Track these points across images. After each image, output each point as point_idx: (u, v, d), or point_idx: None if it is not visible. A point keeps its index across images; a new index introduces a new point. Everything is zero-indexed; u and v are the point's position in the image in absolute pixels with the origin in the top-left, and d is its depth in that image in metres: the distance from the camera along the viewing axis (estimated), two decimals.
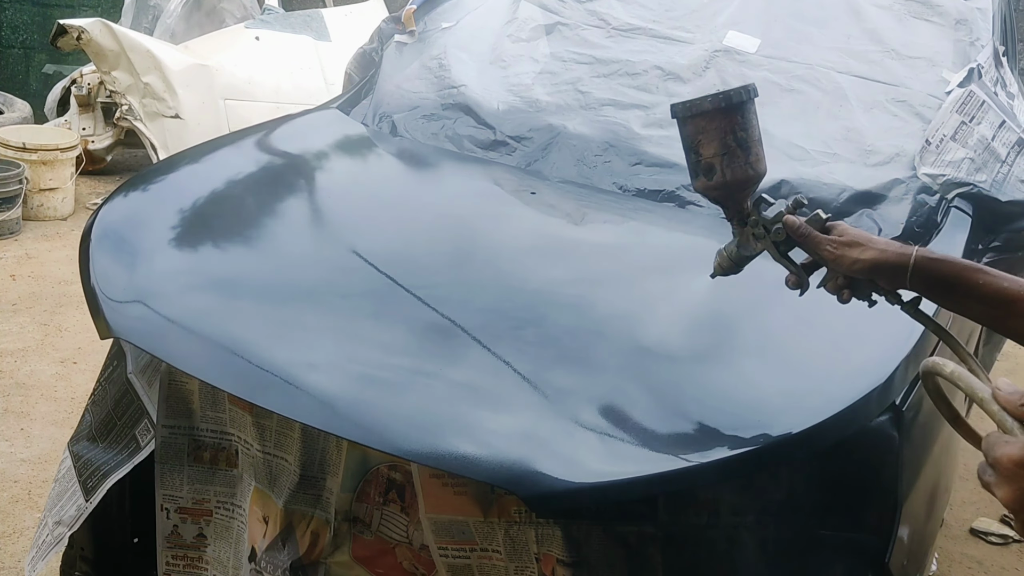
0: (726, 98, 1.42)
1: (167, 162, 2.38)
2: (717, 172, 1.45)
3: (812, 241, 1.42)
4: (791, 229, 1.44)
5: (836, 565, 1.58)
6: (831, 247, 1.40)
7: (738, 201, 1.49)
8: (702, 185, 1.49)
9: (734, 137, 1.44)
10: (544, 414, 1.46)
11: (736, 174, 1.45)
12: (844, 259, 1.38)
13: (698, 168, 1.47)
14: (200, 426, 1.86)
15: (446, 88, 2.58)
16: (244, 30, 5.60)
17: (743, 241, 1.52)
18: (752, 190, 1.49)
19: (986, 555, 3.19)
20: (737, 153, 1.44)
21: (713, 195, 1.50)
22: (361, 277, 1.83)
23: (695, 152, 1.47)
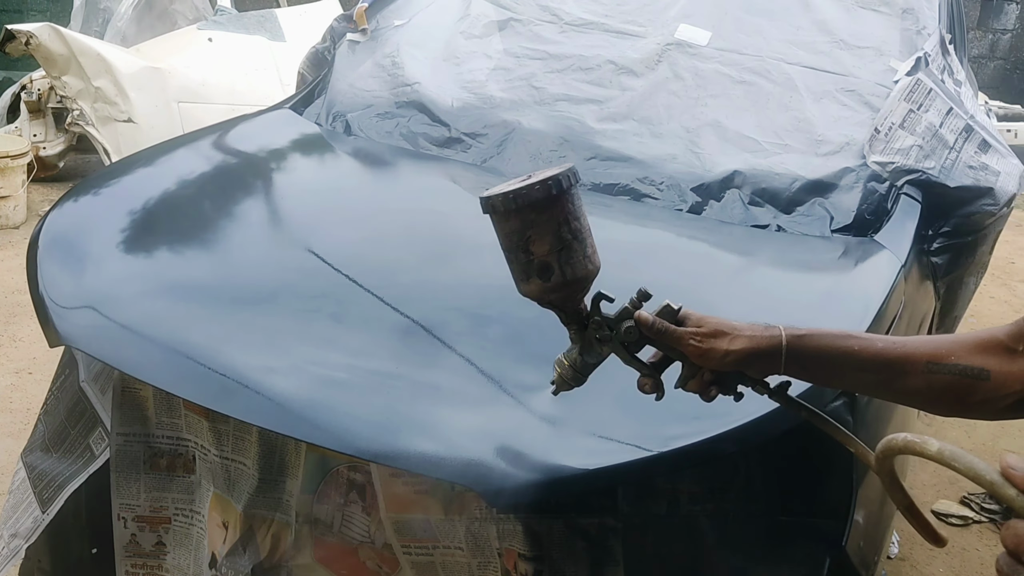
0: (556, 184, 1.23)
1: (117, 165, 2.35)
2: (555, 271, 1.25)
3: (670, 337, 1.26)
4: (644, 327, 1.27)
5: (795, 550, 1.59)
6: (695, 341, 1.25)
7: (576, 302, 1.31)
8: (538, 289, 1.27)
9: (568, 228, 1.24)
10: (501, 410, 1.46)
11: (576, 271, 1.26)
12: (712, 352, 1.24)
13: (530, 269, 1.26)
14: (155, 433, 1.83)
15: (400, 86, 2.57)
16: (197, 32, 5.53)
17: (586, 347, 1.33)
18: (588, 288, 1.31)
19: (947, 536, 3.24)
20: (574, 247, 1.25)
21: (550, 299, 1.29)
22: (316, 278, 1.82)
23: (524, 251, 1.25)
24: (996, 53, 10.41)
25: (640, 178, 2.26)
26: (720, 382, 1.28)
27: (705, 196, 2.21)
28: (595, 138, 2.36)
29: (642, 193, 2.24)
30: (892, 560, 3.07)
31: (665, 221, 2.14)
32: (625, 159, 2.30)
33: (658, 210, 2.17)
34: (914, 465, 3.59)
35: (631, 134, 2.36)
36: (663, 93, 2.45)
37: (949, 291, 2.35)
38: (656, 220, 2.15)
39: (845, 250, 2.04)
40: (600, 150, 2.34)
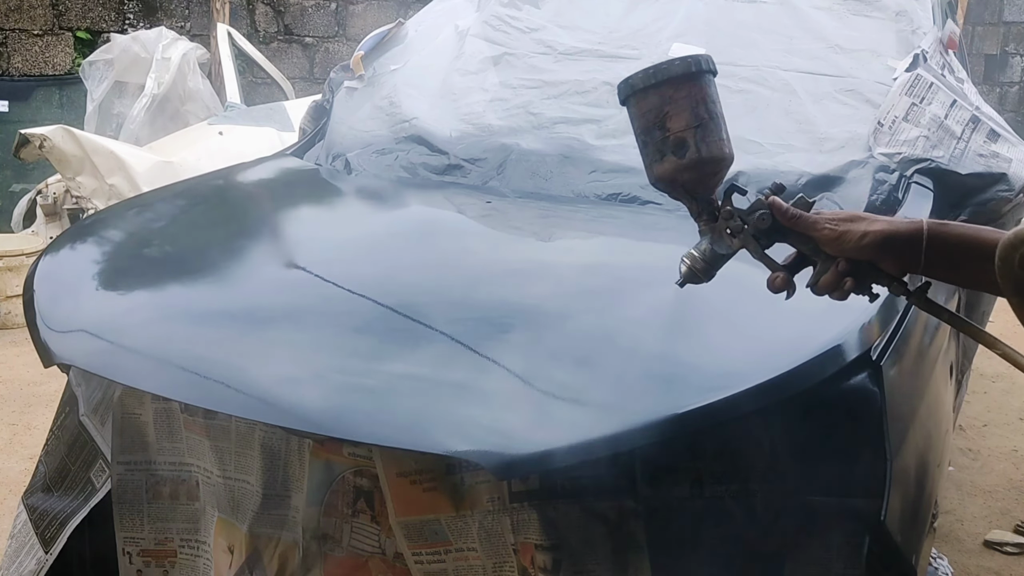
0: (695, 62, 1.25)
1: (119, 205, 2.36)
2: (690, 147, 1.23)
3: (805, 223, 1.22)
4: (779, 213, 1.23)
5: (831, 532, 1.49)
6: (831, 225, 1.20)
7: (708, 189, 1.28)
8: (671, 166, 1.25)
9: (705, 108, 1.24)
10: (503, 383, 1.41)
11: (712, 150, 1.24)
12: (849, 236, 1.18)
13: (664, 146, 1.24)
14: (157, 459, 1.78)
15: (398, 123, 2.58)
16: (207, 127, 5.63)
17: (716, 239, 1.30)
18: (723, 177, 1.30)
19: (1003, 566, 3.07)
20: (710, 126, 1.24)
21: (684, 178, 1.26)
22: (313, 292, 1.79)
23: (660, 128, 1.24)
24: (1006, 106, 10.45)
25: (643, 185, 2.22)
26: (855, 275, 1.21)
27: None
28: (595, 153, 2.35)
29: (646, 200, 2.20)
30: None
31: (669, 224, 2.10)
32: (626, 170, 2.27)
33: (662, 214, 2.13)
34: (963, 498, 3.44)
35: (631, 147, 2.31)
36: None
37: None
38: (661, 223, 2.11)
39: None
40: (601, 164, 2.32)
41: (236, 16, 6.59)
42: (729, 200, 1.30)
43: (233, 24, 6.43)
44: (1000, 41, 10.34)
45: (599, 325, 1.61)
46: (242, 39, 6.26)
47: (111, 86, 5.91)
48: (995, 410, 4.22)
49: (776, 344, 1.50)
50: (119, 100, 5.92)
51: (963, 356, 2.27)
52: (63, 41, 6.27)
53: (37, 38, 6.21)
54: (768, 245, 1.28)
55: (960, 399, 2.49)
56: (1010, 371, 4.55)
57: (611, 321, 1.62)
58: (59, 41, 6.26)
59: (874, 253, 1.18)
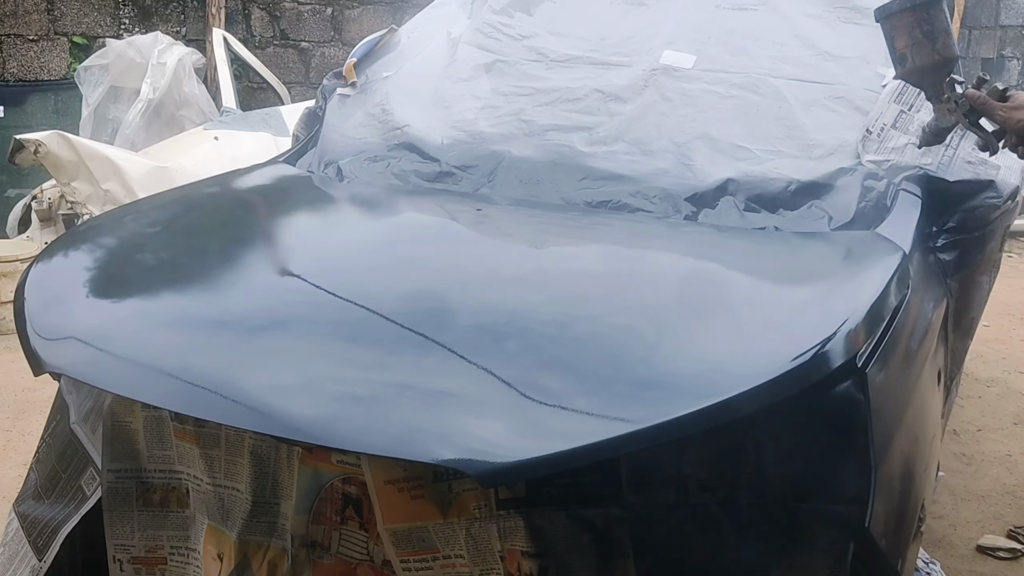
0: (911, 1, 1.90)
1: (107, 214, 2.37)
2: (908, 60, 1.95)
3: (987, 108, 1.90)
4: (971, 99, 1.91)
5: (816, 538, 1.50)
6: (1002, 111, 1.87)
7: (933, 83, 1.97)
8: (900, 73, 2.01)
9: (920, 30, 1.90)
10: (491, 391, 1.41)
11: (924, 60, 1.93)
12: (1011, 119, 1.84)
13: (895, 59, 1.98)
14: (147, 467, 1.78)
15: (390, 130, 2.58)
16: (203, 132, 5.64)
17: (939, 116, 1.99)
18: (945, 73, 1.96)
19: (996, 570, 3.07)
20: (923, 43, 1.92)
21: (911, 80, 2.02)
22: (303, 300, 1.79)
23: (891, 45, 1.97)
24: None
25: (633, 193, 2.24)
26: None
27: (699, 205, 2.18)
28: (586, 160, 2.35)
29: (636, 207, 2.21)
30: None
31: (660, 229, 2.11)
32: (617, 177, 2.28)
33: (653, 221, 2.14)
34: (956, 503, 3.45)
35: (622, 154, 2.35)
36: (652, 114, 2.45)
37: (962, 291, 2.28)
38: (651, 229, 2.12)
39: (844, 241, 2.00)
40: (592, 171, 2.33)
41: (232, 21, 6.59)
42: (951, 88, 1.96)
43: (229, 29, 6.43)
44: (997, 45, 10.36)
45: (587, 332, 1.61)
46: (238, 44, 6.26)
47: (106, 91, 5.91)
48: (989, 415, 4.22)
49: (761, 352, 1.50)
50: (114, 105, 5.92)
51: (952, 362, 2.28)
52: (58, 46, 6.27)
53: (32, 43, 6.21)
54: (976, 119, 1.95)
55: (950, 405, 2.49)
56: (1005, 376, 4.57)
57: (599, 328, 1.62)
58: (54, 46, 6.26)
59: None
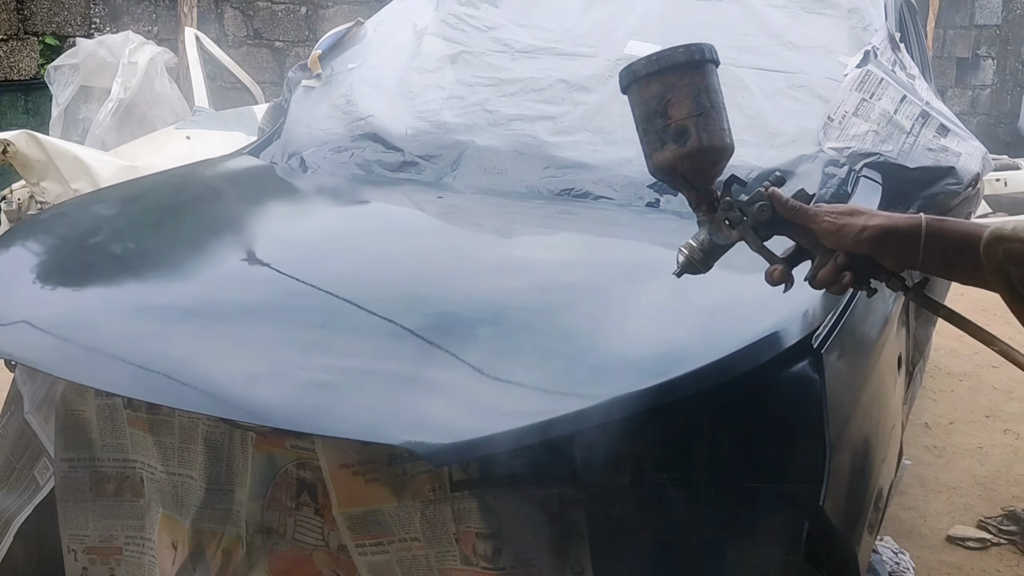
0: (699, 50, 1.26)
1: (66, 203, 2.35)
2: (692, 136, 1.24)
3: (804, 215, 1.24)
4: (779, 204, 1.26)
5: (772, 518, 1.50)
6: (830, 218, 1.22)
7: (709, 179, 1.30)
8: (672, 154, 1.25)
9: (707, 96, 1.25)
10: (443, 372, 1.41)
11: (713, 139, 1.25)
12: (848, 229, 1.20)
13: (666, 135, 1.25)
14: (101, 456, 1.77)
15: (354, 121, 2.57)
16: (174, 131, 5.60)
17: (715, 230, 1.31)
18: (723, 167, 1.31)
19: (965, 560, 3.09)
20: (712, 115, 1.25)
21: (684, 167, 1.26)
22: (255, 287, 1.79)
23: (662, 115, 1.25)
24: (978, 109, 10.57)
25: (596, 181, 2.24)
26: (853, 269, 1.23)
27: (662, 192, 2.18)
28: (549, 150, 2.35)
29: (598, 195, 2.21)
30: None
31: (620, 216, 2.11)
32: (580, 166, 2.28)
33: (614, 208, 2.14)
34: (927, 494, 3.47)
35: (585, 144, 2.35)
36: (616, 104, 2.44)
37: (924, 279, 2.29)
38: (612, 216, 2.12)
39: None
40: (555, 160, 2.32)
41: (204, 20, 6.57)
42: (729, 191, 1.31)
43: (201, 28, 6.41)
44: (971, 44, 10.46)
45: (545, 317, 1.61)
46: (211, 43, 6.23)
47: (77, 91, 5.87)
48: (961, 408, 4.24)
49: (716, 331, 1.51)
50: (85, 105, 5.88)
51: (914, 348, 2.29)
52: (28, 46, 6.22)
53: (2, 43, 6.16)
54: (767, 237, 1.29)
55: (913, 391, 2.50)
56: (977, 370, 4.59)
57: (556, 313, 1.62)
58: (24, 46, 6.21)
59: (872, 247, 1.20)
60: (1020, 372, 1.21)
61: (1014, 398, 4.26)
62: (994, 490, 3.51)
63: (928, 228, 1.17)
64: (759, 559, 1.49)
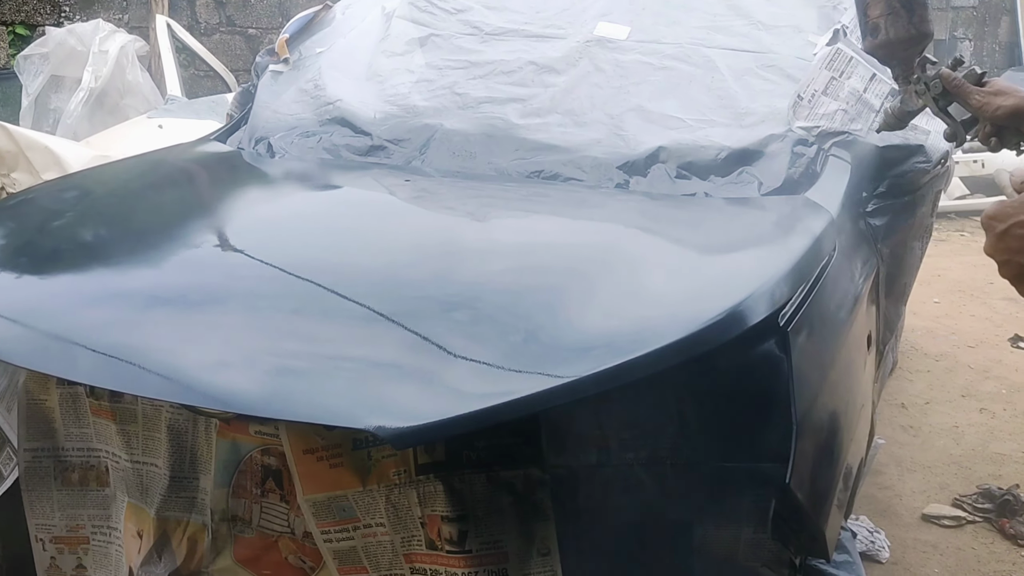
0: None
1: (30, 191, 2.32)
2: (882, 31, 1.70)
3: (963, 91, 1.64)
4: (946, 81, 1.67)
5: (739, 496, 1.50)
6: (979, 96, 1.62)
7: (903, 60, 1.73)
8: (870, 45, 1.74)
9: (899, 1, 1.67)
10: (408, 357, 1.40)
11: (899, 32, 1.69)
12: (989, 106, 1.59)
13: (866, 29, 1.72)
14: (65, 445, 1.75)
15: (322, 106, 2.55)
16: (147, 120, 5.55)
17: (907, 98, 1.77)
18: (917, 51, 1.73)
19: (940, 538, 3.11)
20: (900, 13, 1.68)
21: (880, 54, 1.76)
22: (218, 272, 1.77)
23: (863, 13, 1.72)
24: None
25: (565, 163, 2.23)
26: (999, 136, 1.62)
27: (631, 173, 2.17)
28: (519, 132, 2.34)
29: (568, 176, 2.20)
30: (884, 564, 2.95)
31: (589, 197, 2.10)
32: (550, 147, 2.27)
33: (584, 189, 2.13)
34: (902, 473, 3.48)
35: (555, 126, 2.34)
36: (585, 86, 2.43)
37: (894, 256, 2.29)
38: (580, 197, 2.11)
39: (772, 206, 2.00)
40: (524, 143, 2.31)
41: (176, 8, 6.50)
42: (920, 67, 1.73)
43: (173, 16, 6.35)
44: (948, 26, 10.48)
45: (511, 298, 1.60)
46: (182, 31, 6.17)
47: (47, 80, 5.80)
48: (937, 388, 4.26)
49: (681, 309, 1.50)
50: (56, 95, 5.81)
51: (885, 327, 2.29)
52: None
53: None
54: (947, 105, 1.70)
55: (885, 370, 2.51)
56: (953, 350, 4.62)
57: (523, 294, 1.61)
58: None
59: (1008, 120, 1.58)
60: (997, 352, 1.28)
61: (990, 377, 4.28)
62: (969, 468, 3.54)
63: None
64: (726, 537, 1.49)
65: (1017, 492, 3.26)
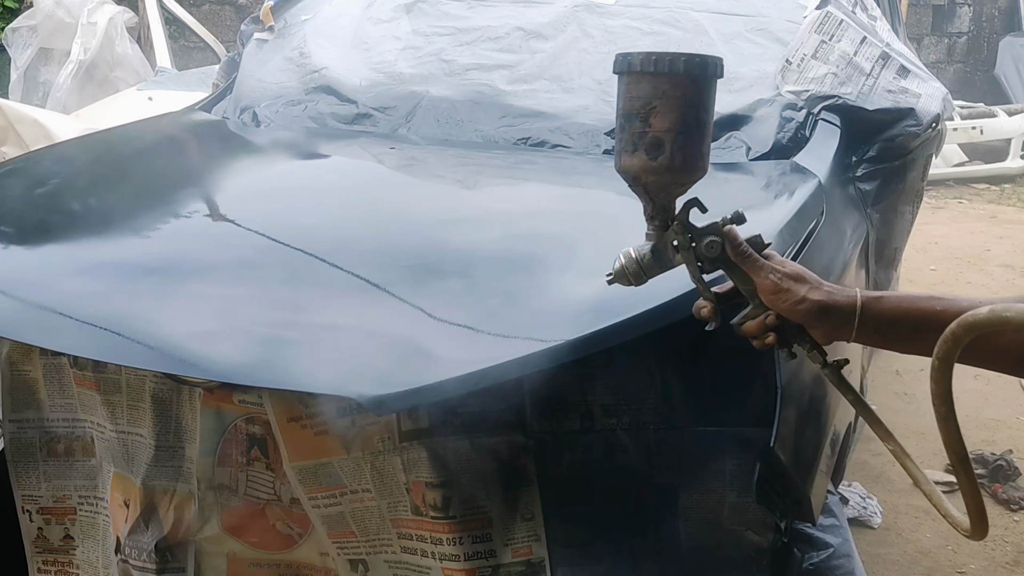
0: (703, 65, 1.15)
1: (12, 160, 2.30)
2: (665, 152, 1.15)
3: (753, 263, 1.20)
4: (732, 243, 1.20)
5: (724, 461, 1.49)
6: (775, 277, 1.19)
7: (670, 195, 1.21)
8: (640, 164, 1.17)
9: (695, 115, 1.16)
10: (386, 320, 1.39)
11: (688, 161, 1.17)
12: (789, 294, 1.18)
13: (640, 142, 1.16)
14: (50, 416, 1.74)
15: (308, 74, 2.53)
16: (136, 93, 5.49)
17: (659, 248, 1.24)
18: (688, 188, 1.22)
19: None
20: (694, 136, 1.16)
21: (647, 180, 1.19)
22: (199, 242, 1.76)
23: (642, 120, 1.16)
24: (954, 57, 10.53)
25: (552, 129, 2.21)
26: (780, 331, 1.22)
27: None
28: (506, 99, 2.32)
29: (555, 143, 2.19)
30: (876, 530, 2.96)
31: (576, 164, 2.08)
32: (537, 114, 2.25)
33: (571, 156, 2.11)
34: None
35: (542, 92, 2.32)
36: (573, 52, 2.41)
37: (884, 221, 2.28)
38: (570, 165, 2.09)
39: (760, 171, 1.98)
40: (511, 109, 2.29)
41: None
42: (686, 213, 1.22)
43: None
44: None
45: (494, 263, 1.59)
46: (172, 2, 6.11)
47: (36, 53, 5.76)
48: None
49: (667, 273, 1.48)
50: (45, 67, 5.77)
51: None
52: None
53: None
54: (709, 271, 1.24)
55: None
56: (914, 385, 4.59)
57: (506, 259, 1.60)
58: None
59: (807, 319, 1.19)
60: None
61: None
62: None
63: (863, 309, 1.17)
64: (711, 502, 1.48)
65: (1010, 458, 3.27)
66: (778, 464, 1.47)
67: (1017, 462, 3.25)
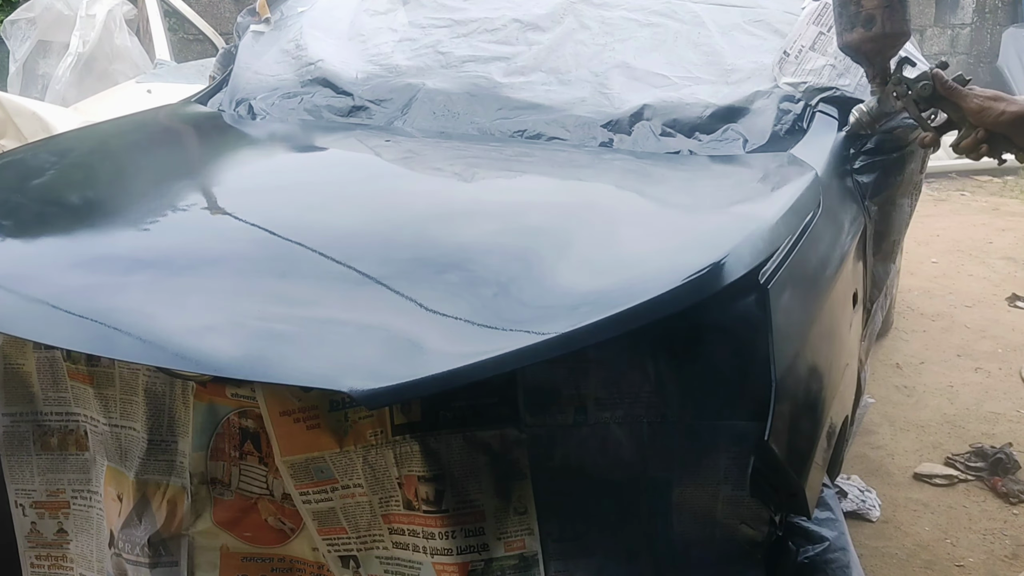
0: None
1: (11, 152, 2.29)
2: (877, 24, 1.61)
3: (958, 94, 1.57)
4: (939, 82, 1.59)
5: (718, 455, 1.49)
6: (978, 100, 1.54)
7: (885, 59, 1.67)
8: (859, 36, 1.64)
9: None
10: (380, 313, 1.39)
11: (895, 27, 1.62)
12: (990, 111, 1.51)
13: (856, 19, 1.62)
14: (44, 410, 1.74)
15: (304, 66, 2.52)
16: (135, 85, 5.48)
17: (883, 99, 1.71)
18: (899, 49, 1.67)
19: (932, 497, 3.11)
20: (898, 7, 1.61)
21: (867, 48, 1.66)
22: (196, 235, 1.75)
23: (855, 3, 1.62)
24: (957, 48, 10.48)
25: (549, 121, 2.20)
26: (990, 143, 1.55)
27: (616, 131, 2.15)
28: (503, 91, 2.31)
29: (552, 135, 2.18)
30: (875, 523, 2.95)
31: (573, 156, 2.07)
32: (533, 107, 2.24)
33: (568, 148, 2.10)
34: (895, 433, 3.48)
35: (539, 84, 2.30)
36: (570, 43, 2.40)
37: (882, 213, 2.26)
38: (564, 156, 2.08)
39: (756, 163, 1.97)
40: (508, 101, 2.28)
41: None
42: (900, 68, 1.66)
43: None
44: None
45: (490, 256, 1.58)
46: None
47: (35, 45, 5.74)
48: (933, 348, 4.25)
49: (661, 266, 1.48)
50: (43, 60, 5.76)
51: (872, 285, 2.27)
52: None
53: None
54: (925, 110, 1.64)
55: (873, 328, 2.49)
56: (950, 310, 4.60)
57: (501, 251, 1.59)
58: None
59: (1009, 128, 1.51)
60: (994, 312, 1.29)
61: (987, 337, 4.27)
62: (963, 428, 3.53)
63: None
64: (705, 495, 1.48)
65: (1010, 451, 3.26)
66: (773, 458, 1.46)
67: (1017, 455, 3.24)
